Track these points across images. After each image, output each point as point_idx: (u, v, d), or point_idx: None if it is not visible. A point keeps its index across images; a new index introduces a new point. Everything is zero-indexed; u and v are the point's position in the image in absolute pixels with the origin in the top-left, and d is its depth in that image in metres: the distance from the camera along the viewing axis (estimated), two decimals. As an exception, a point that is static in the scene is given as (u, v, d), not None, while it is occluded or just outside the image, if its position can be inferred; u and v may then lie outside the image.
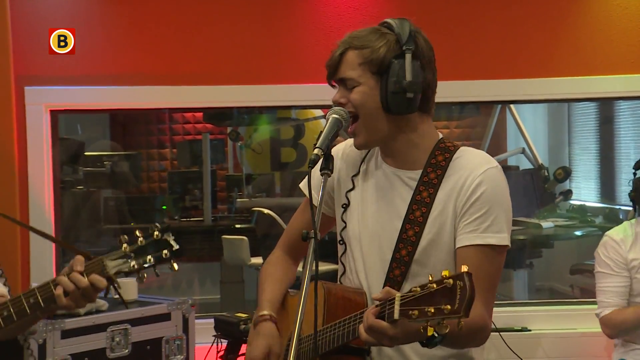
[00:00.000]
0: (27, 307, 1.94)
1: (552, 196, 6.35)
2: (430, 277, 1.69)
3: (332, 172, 1.92)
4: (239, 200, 7.75)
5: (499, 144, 7.58)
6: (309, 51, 4.15)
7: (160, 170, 8.74)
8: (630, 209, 3.65)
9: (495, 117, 6.83)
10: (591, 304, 3.52)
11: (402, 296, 1.73)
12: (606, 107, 7.10)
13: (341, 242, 2.18)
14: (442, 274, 1.67)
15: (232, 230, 6.88)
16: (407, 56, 1.99)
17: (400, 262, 2.03)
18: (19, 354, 3.17)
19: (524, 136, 6.50)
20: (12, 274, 3.68)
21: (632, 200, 3.52)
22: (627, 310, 3.39)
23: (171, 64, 4.19)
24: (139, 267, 1.92)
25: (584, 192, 7.54)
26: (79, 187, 6.87)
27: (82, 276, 1.90)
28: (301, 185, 2.25)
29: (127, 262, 1.91)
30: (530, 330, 4.24)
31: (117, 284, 1.93)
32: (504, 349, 3.94)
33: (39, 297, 1.94)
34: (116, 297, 3.65)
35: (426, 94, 2.04)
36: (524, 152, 6.55)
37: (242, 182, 7.85)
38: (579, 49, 4.24)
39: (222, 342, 3.62)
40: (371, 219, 2.10)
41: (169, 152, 8.75)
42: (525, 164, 6.86)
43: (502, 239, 2.00)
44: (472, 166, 2.03)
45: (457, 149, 2.08)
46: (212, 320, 3.71)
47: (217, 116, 7.51)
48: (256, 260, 6.14)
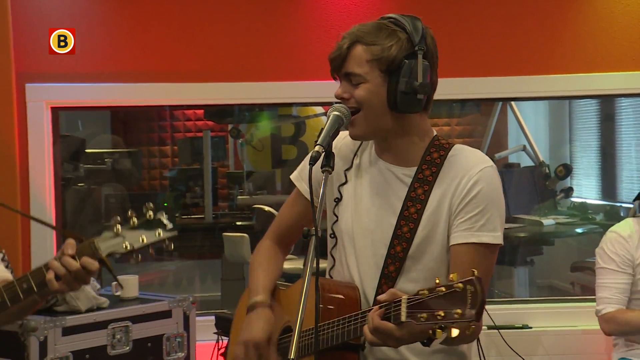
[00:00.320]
0: (20, 292, 1.93)
1: (553, 193, 6.34)
2: (437, 281, 1.69)
3: (332, 170, 1.91)
4: (239, 197, 7.75)
5: (500, 141, 7.55)
6: (310, 48, 4.15)
7: (161, 167, 8.73)
8: (631, 205, 3.63)
9: (496, 114, 6.81)
10: (592, 301, 3.50)
11: (409, 298, 1.73)
12: (607, 104, 7.08)
13: (332, 235, 2.17)
14: (450, 277, 1.67)
15: (232, 227, 6.88)
16: (419, 57, 1.97)
17: (394, 258, 2.03)
18: (20, 351, 3.18)
19: (525, 133, 6.49)
20: (13, 265, 3.67)
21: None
22: (633, 312, 3.28)
23: (172, 61, 4.19)
24: (132, 248, 1.89)
25: (585, 189, 7.53)
26: (80, 184, 6.86)
27: (74, 259, 1.88)
28: (292, 176, 2.25)
29: (119, 242, 1.89)
30: (530, 327, 4.22)
31: (109, 266, 1.90)
32: (504, 347, 3.93)
33: (32, 282, 1.92)
34: (117, 294, 3.66)
35: (431, 93, 2.04)
36: (524, 149, 6.54)
37: (243, 179, 7.85)
38: (580, 46, 4.24)
39: (223, 340, 3.63)
40: (365, 214, 2.09)
41: (169, 150, 8.74)
42: (526, 161, 6.86)
43: (495, 237, 2.00)
44: (468, 165, 2.03)
45: (452, 146, 2.08)
46: (213, 317, 3.72)
47: (218, 113, 7.51)
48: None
